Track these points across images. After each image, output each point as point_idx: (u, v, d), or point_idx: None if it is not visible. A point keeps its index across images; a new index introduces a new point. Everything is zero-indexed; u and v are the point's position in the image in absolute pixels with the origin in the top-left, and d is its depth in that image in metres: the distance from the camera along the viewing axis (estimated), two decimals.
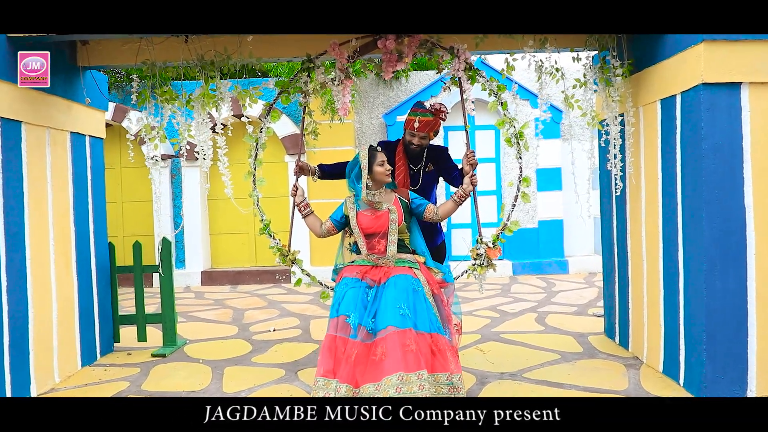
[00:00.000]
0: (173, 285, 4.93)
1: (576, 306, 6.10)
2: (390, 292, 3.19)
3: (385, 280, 3.30)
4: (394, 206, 3.45)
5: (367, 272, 3.37)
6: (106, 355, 4.80)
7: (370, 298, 3.24)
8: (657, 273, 3.83)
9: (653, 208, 3.85)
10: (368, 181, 3.39)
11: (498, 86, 3.77)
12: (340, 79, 3.94)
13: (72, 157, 4.39)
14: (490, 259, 3.66)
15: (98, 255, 4.75)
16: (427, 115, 3.80)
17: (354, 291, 3.26)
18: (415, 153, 3.87)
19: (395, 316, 3.09)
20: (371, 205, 3.44)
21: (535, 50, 4.00)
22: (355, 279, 3.33)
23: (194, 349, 4.91)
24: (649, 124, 3.89)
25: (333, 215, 3.60)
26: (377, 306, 3.21)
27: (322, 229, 3.60)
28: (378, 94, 8.71)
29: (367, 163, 3.38)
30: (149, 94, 4.01)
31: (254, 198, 4.05)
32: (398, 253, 3.43)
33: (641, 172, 4.01)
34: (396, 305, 3.12)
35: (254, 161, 4.02)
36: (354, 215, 3.45)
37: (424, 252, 3.56)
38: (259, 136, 3.98)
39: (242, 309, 6.61)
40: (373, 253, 3.41)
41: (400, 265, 3.38)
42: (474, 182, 3.56)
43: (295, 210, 3.82)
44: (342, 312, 3.20)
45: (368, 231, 3.42)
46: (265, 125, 3.98)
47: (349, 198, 3.56)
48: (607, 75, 3.95)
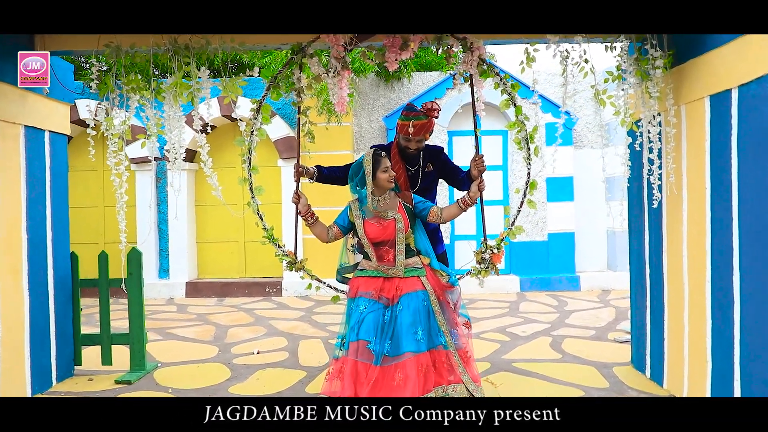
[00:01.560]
0: (143, 302, 4.35)
1: (593, 329, 5.52)
2: (405, 318, 3.20)
3: (398, 299, 3.28)
4: (400, 214, 3.34)
5: (381, 289, 3.32)
6: (64, 380, 4.21)
7: (386, 319, 3.23)
8: (702, 299, 3.26)
9: (698, 222, 3.29)
10: (372, 188, 3.26)
11: (512, 85, 3.32)
12: (336, 70, 3.40)
13: (26, 155, 3.83)
14: (495, 263, 3.54)
15: (57, 266, 4.17)
16: (420, 118, 3.51)
17: (373, 316, 3.22)
18: (411, 155, 3.64)
19: (412, 342, 3.14)
20: (377, 214, 3.32)
21: (560, 40, 3.45)
22: (372, 302, 3.28)
23: (165, 375, 4.32)
24: (693, 125, 3.33)
25: (338, 220, 3.45)
26: (393, 328, 3.21)
27: (329, 236, 3.46)
28: (378, 95, 8.16)
29: (371, 168, 3.24)
30: (113, 83, 3.44)
31: (254, 207, 3.67)
32: (406, 259, 3.35)
33: (683, 181, 3.45)
34: (412, 330, 3.17)
35: (249, 168, 3.60)
36: (361, 224, 3.34)
37: (428, 252, 3.45)
38: (251, 140, 3.46)
39: (226, 326, 6.02)
40: (383, 263, 3.34)
41: (409, 275, 3.34)
42: (482, 188, 3.40)
43: (299, 218, 3.60)
44: (362, 337, 3.18)
45: (376, 240, 3.33)
46: (256, 126, 3.45)
47: (353, 203, 3.39)
48: (645, 67, 3.40)
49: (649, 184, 3.72)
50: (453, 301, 3.38)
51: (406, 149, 3.57)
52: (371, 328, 3.17)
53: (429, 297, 3.28)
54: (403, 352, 3.12)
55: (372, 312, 3.22)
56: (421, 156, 3.66)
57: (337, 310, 6.23)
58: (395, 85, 8.14)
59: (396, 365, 3.13)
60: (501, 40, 3.72)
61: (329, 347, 5.03)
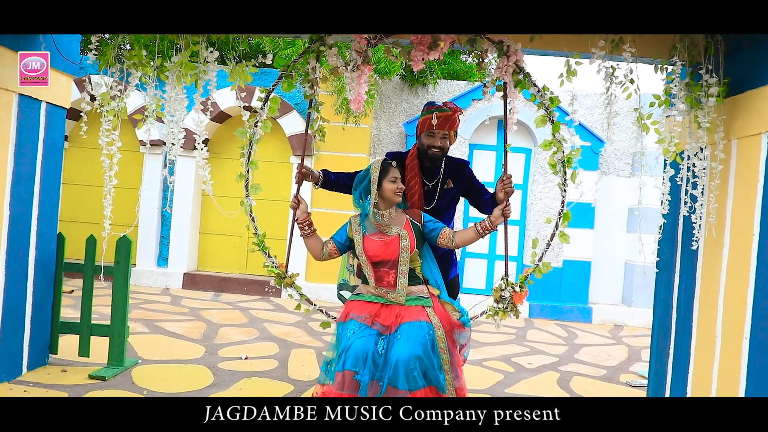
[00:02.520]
0: (128, 293, 4.06)
1: (604, 368, 5.16)
2: (403, 350, 2.78)
3: (396, 327, 2.89)
4: (406, 231, 2.98)
5: (377, 315, 2.94)
6: (36, 369, 3.94)
7: (381, 349, 2.84)
8: (738, 357, 2.92)
9: (740, 272, 2.95)
10: (376, 199, 2.94)
11: (551, 99, 3.00)
12: (356, 64, 3.09)
13: (17, 125, 3.57)
14: (515, 304, 3.12)
15: (41, 247, 3.90)
16: (444, 110, 3.15)
17: (363, 342, 2.82)
18: (433, 160, 3.24)
19: (409, 379, 2.75)
20: (379, 228, 2.99)
21: (605, 55, 3.14)
22: (363, 327, 2.90)
23: (144, 374, 4.04)
24: (745, 163, 2.99)
25: (335, 236, 3.12)
26: (389, 360, 2.80)
27: (323, 253, 3.12)
28: (401, 99, 7.86)
29: (377, 176, 2.93)
30: (113, 56, 3.16)
31: (247, 207, 3.32)
32: (409, 286, 2.99)
33: (726, 223, 3.11)
34: (410, 367, 2.75)
35: (247, 162, 3.27)
36: (360, 239, 3.00)
37: (438, 283, 3.10)
38: (254, 132, 3.16)
39: (218, 324, 5.73)
40: (381, 286, 2.98)
41: (411, 304, 2.96)
42: (506, 214, 3.03)
43: (295, 226, 3.24)
44: (349, 367, 2.79)
45: (376, 258, 2.97)
46: (261, 117, 3.16)
47: (354, 218, 3.09)
48: (696, 94, 3.07)
49: (686, 222, 3.39)
50: (460, 344, 3.01)
51: (429, 149, 3.19)
52: (359, 357, 2.79)
53: (435, 331, 2.90)
54: (398, 388, 2.75)
55: (362, 338, 2.84)
56: (442, 169, 3.29)
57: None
58: (419, 91, 7.84)
59: None
60: (541, 51, 3.40)
61: (322, 360, 4.72)
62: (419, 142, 3.27)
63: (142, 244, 7.73)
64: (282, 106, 7.35)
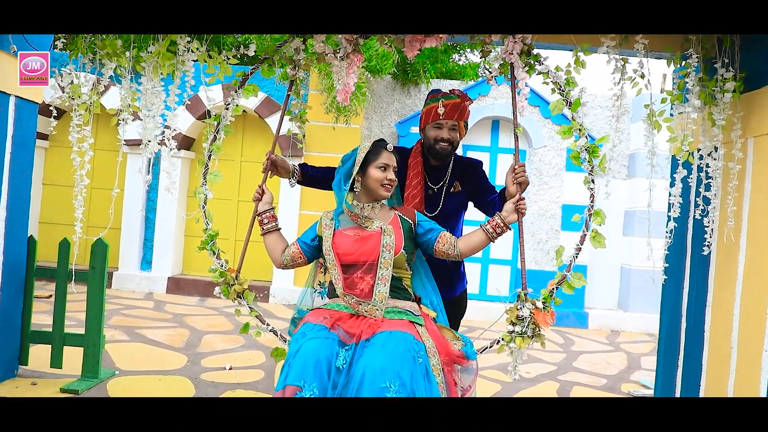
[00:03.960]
0: (104, 301, 3.81)
1: (605, 377, 4.96)
2: (374, 360, 2.00)
3: (369, 336, 2.14)
4: (391, 226, 2.36)
5: (339, 319, 2.23)
6: (4, 381, 3.68)
7: (341, 363, 2.08)
8: (757, 371, 2.72)
9: (759, 279, 2.75)
10: (357, 185, 2.36)
11: (567, 80, 2.69)
12: (345, 52, 2.85)
13: None
14: (538, 326, 2.50)
15: (9, 251, 3.64)
16: (451, 97, 2.73)
17: (314, 345, 2.08)
18: (441, 155, 2.76)
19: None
20: (356, 221, 2.37)
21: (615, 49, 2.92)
22: (318, 326, 2.18)
23: (120, 386, 3.78)
24: (763, 163, 2.80)
25: (302, 237, 2.51)
26: (352, 378, 2.02)
27: (284, 255, 2.51)
28: (393, 99, 7.64)
29: (361, 157, 2.35)
30: (84, 44, 2.91)
31: (200, 196, 2.95)
32: (392, 299, 2.31)
33: (742, 227, 2.92)
34: (380, 383, 1.95)
35: (210, 145, 2.93)
36: (330, 234, 2.37)
37: (434, 305, 2.45)
38: (223, 114, 2.90)
39: (201, 332, 5.48)
40: (352, 293, 2.27)
41: (393, 317, 2.23)
42: (521, 209, 2.43)
43: (254, 221, 2.72)
44: (291, 381, 2.02)
45: (347, 259, 2.32)
46: (234, 100, 2.91)
47: (326, 214, 2.47)
48: (711, 90, 2.87)
49: (696, 226, 3.20)
50: (463, 386, 2.27)
51: (436, 144, 2.73)
52: (308, 365, 2.02)
53: (426, 354, 2.15)
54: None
55: (315, 339, 2.10)
56: (450, 170, 2.83)
57: None
58: (412, 90, 7.63)
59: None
60: (548, 44, 3.19)
61: None
62: (424, 137, 2.83)
63: (125, 247, 7.46)
64: (269, 105, 7.10)
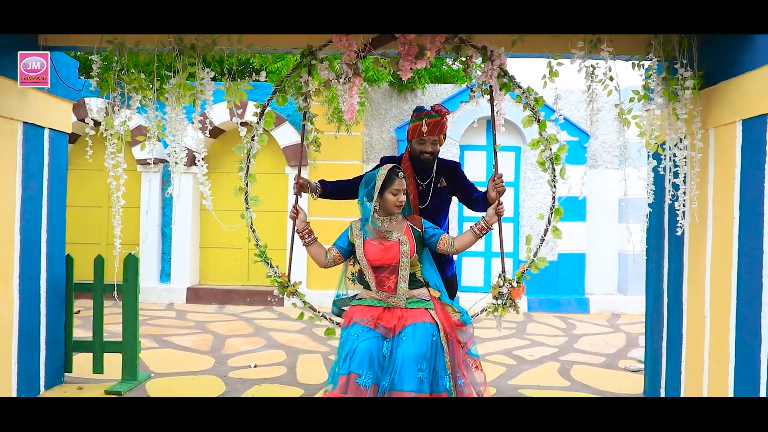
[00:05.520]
0: (138, 310, 4.19)
1: (603, 356, 5.31)
2: (409, 350, 2.85)
3: (400, 329, 2.97)
4: (406, 236, 3.07)
5: (380, 318, 3.01)
6: (53, 387, 4.05)
7: (386, 351, 2.91)
8: (726, 334, 3.07)
9: (724, 253, 3.10)
10: (377, 206, 3.03)
11: (536, 99, 3.15)
12: (347, 76, 3.24)
13: (23, 152, 3.69)
14: (514, 299, 3.25)
15: (51, 269, 4.02)
16: (432, 116, 3.30)
17: (366, 344, 2.88)
18: (424, 164, 3.41)
19: (414, 379, 2.79)
20: (379, 234, 3.06)
21: (584, 55, 3.29)
22: (367, 329, 2.96)
23: (157, 387, 4.16)
24: (723, 150, 3.15)
25: (338, 242, 3.19)
26: (394, 362, 2.87)
27: (327, 259, 3.19)
28: (391, 105, 8.01)
29: (380, 183, 2.99)
30: (114, 81, 3.29)
31: (248, 220, 3.46)
32: (410, 290, 3.07)
33: (708, 208, 3.26)
34: (416, 366, 2.82)
35: (246, 176, 3.41)
36: (360, 244, 3.07)
37: (438, 286, 3.19)
38: (251, 146, 3.30)
39: (224, 335, 5.85)
40: (382, 290, 3.04)
41: (413, 306, 3.03)
42: (500, 212, 3.16)
43: (295, 236, 3.37)
44: (354, 369, 2.83)
45: (377, 263, 3.04)
46: (258, 132, 3.30)
47: (355, 223, 3.14)
48: (673, 88, 3.23)
49: (671, 210, 3.54)
50: (463, 341, 3.06)
51: (421, 155, 3.33)
52: (365, 359, 2.81)
53: (438, 331, 2.96)
54: (404, 390, 2.77)
55: (366, 341, 2.88)
56: (434, 170, 3.44)
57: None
58: (408, 96, 7.99)
59: None
60: (523, 53, 3.56)
61: (329, 363, 4.86)
62: (411, 147, 3.40)
63: (145, 261, 7.83)
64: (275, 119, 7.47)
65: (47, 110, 3.91)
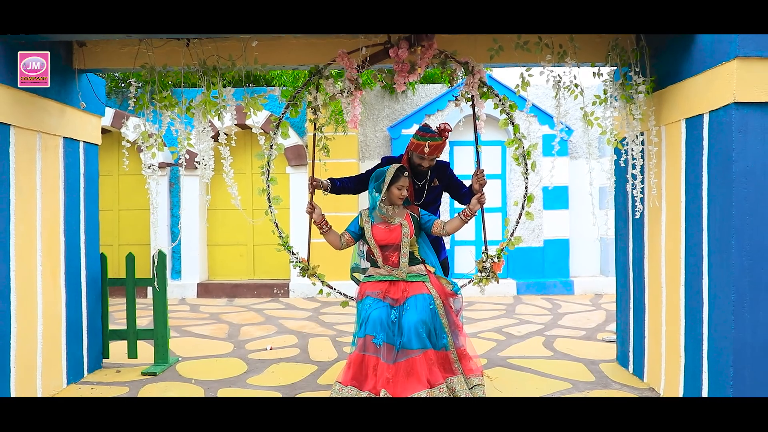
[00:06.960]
0: (167, 300, 4.71)
1: (584, 330, 5.88)
2: (412, 316, 3.48)
3: (404, 300, 3.59)
4: (406, 221, 3.69)
5: (388, 291, 3.64)
6: (94, 371, 4.57)
7: (393, 318, 3.52)
8: (678, 301, 3.63)
9: (675, 232, 3.66)
10: (384, 197, 3.63)
11: (510, 105, 3.68)
12: (349, 91, 3.77)
13: (64, 164, 4.19)
14: (495, 272, 3.84)
15: (89, 266, 4.53)
16: (436, 140, 3.81)
17: (377, 312, 3.50)
18: (421, 174, 3.95)
19: (418, 339, 3.43)
20: (384, 219, 3.67)
21: (553, 65, 3.84)
22: (377, 300, 3.58)
23: (187, 368, 4.68)
24: (672, 144, 3.70)
25: (350, 227, 3.81)
26: (402, 327, 3.49)
27: (342, 242, 3.81)
28: (383, 106, 8.53)
29: (389, 179, 3.57)
30: (148, 100, 3.81)
31: (272, 216, 4.02)
32: (409, 266, 3.70)
33: (662, 195, 3.81)
34: (419, 329, 3.45)
35: (267, 179, 3.95)
36: (369, 227, 3.70)
37: (433, 262, 3.79)
38: (270, 154, 3.83)
39: (238, 324, 6.38)
40: (387, 264, 3.68)
41: (413, 279, 3.66)
42: (482, 201, 3.70)
43: (312, 227, 3.97)
44: (369, 332, 3.48)
45: (382, 242, 3.67)
46: (275, 141, 3.83)
47: (364, 211, 3.78)
48: (629, 92, 3.77)
49: (633, 197, 4.09)
50: (456, 309, 3.72)
51: (418, 167, 3.85)
52: (377, 324, 3.45)
53: (434, 301, 3.59)
54: (410, 348, 3.40)
55: (377, 309, 3.51)
56: (429, 172, 3.96)
57: (343, 311, 6.60)
58: (399, 97, 8.51)
59: (406, 361, 3.42)
60: (499, 64, 4.08)
61: (337, 344, 5.39)
62: (410, 156, 3.88)
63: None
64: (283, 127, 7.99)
65: (82, 125, 4.41)
